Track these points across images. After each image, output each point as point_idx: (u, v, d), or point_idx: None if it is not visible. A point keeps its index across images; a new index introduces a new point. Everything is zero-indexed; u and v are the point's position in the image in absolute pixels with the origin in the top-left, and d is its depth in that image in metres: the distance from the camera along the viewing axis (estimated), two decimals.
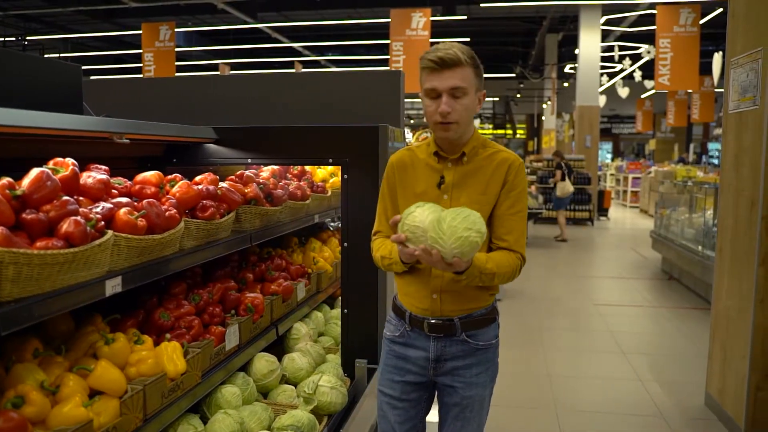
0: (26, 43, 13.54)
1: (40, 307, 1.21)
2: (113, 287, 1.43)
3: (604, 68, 16.48)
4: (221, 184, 2.11)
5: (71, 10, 13.12)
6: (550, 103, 21.32)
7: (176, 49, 11.98)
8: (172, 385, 1.65)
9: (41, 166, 1.42)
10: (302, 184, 2.82)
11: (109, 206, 1.52)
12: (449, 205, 1.68)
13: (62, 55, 15.81)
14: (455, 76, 1.60)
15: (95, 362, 1.51)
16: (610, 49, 15.71)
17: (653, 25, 11.03)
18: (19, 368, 1.38)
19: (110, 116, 2.01)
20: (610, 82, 19.70)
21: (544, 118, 23.29)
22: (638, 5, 12.35)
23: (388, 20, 10.47)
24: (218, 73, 3.89)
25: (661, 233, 7.83)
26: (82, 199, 1.52)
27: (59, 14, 14.21)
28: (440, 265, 1.51)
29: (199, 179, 2.04)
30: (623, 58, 15.88)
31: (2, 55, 2.01)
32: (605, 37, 14.85)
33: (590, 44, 13.53)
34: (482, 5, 11.82)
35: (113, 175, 1.77)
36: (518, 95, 23.55)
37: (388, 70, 3.00)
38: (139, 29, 12.08)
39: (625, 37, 15.39)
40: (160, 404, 1.60)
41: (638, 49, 14.76)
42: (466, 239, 1.44)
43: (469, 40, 13.32)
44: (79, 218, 1.32)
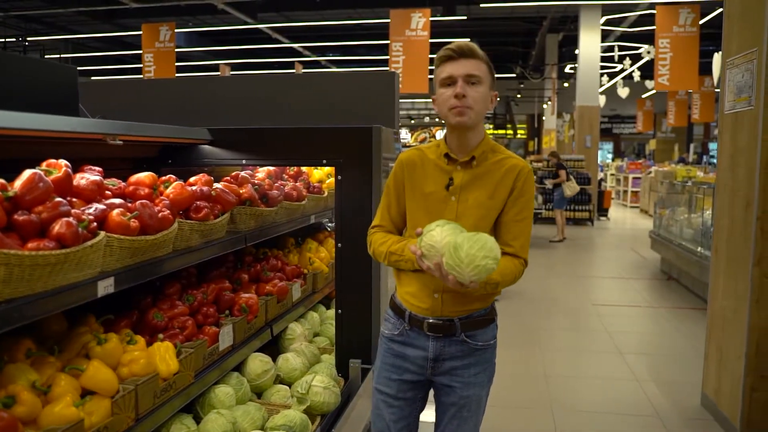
0: (27, 43, 13.58)
1: (31, 307, 1.23)
2: (105, 288, 1.44)
3: (604, 68, 16.46)
4: (216, 185, 2.12)
5: (72, 10, 13.14)
6: (550, 103, 21.31)
7: (176, 49, 11.98)
8: (164, 385, 1.66)
9: (35, 167, 1.43)
10: (298, 184, 2.83)
11: (102, 207, 1.53)
12: (456, 206, 1.71)
13: (63, 55, 15.85)
14: (471, 64, 1.65)
15: (87, 362, 1.52)
16: (610, 49, 15.71)
17: (653, 25, 11.02)
18: (11, 368, 1.39)
19: (105, 118, 2.02)
20: (610, 82, 19.69)
21: (544, 118, 23.30)
22: (638, 5, 12.34)
23: (388, 20, 10.47)
24: (218, 73, 3.90)
25: (660, 233, 7.83)
26: (75, 200, 1.53)
27: (60, 15, 14.24)
28: (454, 286, 1.53)
29: (193, 180, 2.06)
30: (623, 58, 15.88)
31: None
32: (605, 37, 14.85)
33: (590, 44, 13.54)
34: (482, 5, 11.82)
35: (109, 176, 1.78)
36: (518, 95, 23.55)
37: (382, 70, 3.01)
38: (139, 30, 12.08)
39: (625, 37, 15.37)
40: (152, 404, 1.61)
41: (638, 49, 14.76)
42: (483, 267, 1.47)
43: (469, 40, 13.25)
44: (71, 219, 1.33)
